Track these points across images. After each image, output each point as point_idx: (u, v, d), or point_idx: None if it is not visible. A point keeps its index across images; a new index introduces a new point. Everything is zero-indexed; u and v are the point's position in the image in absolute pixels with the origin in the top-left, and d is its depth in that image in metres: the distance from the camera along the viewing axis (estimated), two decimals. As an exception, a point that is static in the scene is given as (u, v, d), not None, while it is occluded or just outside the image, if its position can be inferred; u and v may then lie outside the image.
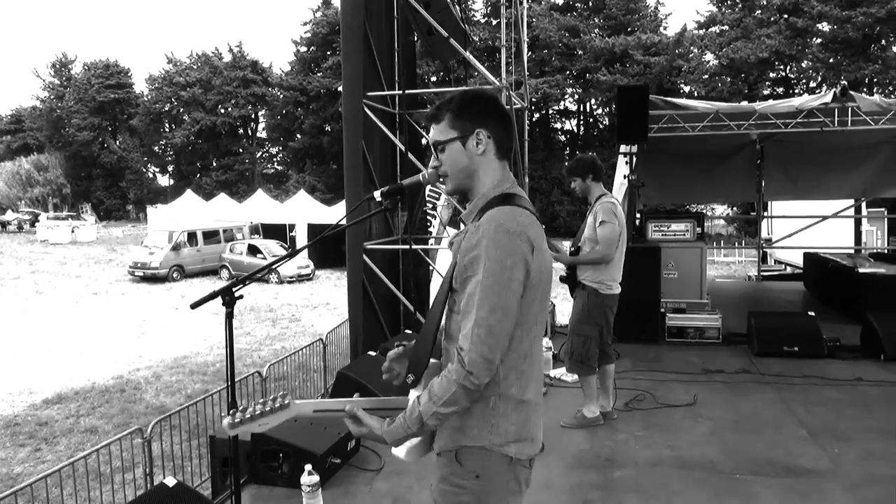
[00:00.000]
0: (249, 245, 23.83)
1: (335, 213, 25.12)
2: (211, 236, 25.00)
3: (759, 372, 6.13)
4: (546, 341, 5.99)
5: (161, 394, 9.98)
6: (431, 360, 1.85)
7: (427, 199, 11.13)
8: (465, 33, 9.66)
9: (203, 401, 6.06)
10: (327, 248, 25.68)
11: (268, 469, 3.84)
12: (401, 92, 8.70)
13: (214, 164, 56.00)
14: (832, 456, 4.19)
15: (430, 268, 10.36)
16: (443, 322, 1.85)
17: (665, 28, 40.89)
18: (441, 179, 1.89)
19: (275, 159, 58.80)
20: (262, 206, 29.17)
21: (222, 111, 54.30)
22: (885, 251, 13.17)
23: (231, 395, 2.32)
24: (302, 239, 25.67)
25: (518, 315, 1.70)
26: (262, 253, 23.01)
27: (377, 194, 1.99)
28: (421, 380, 1.79)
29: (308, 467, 3.19)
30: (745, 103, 10.25)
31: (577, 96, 43.13)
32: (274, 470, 3.82)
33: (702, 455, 4.28)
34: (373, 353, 5.05)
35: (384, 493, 3.78)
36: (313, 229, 25.51)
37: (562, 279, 4.65)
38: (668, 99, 7.74)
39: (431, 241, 10.93)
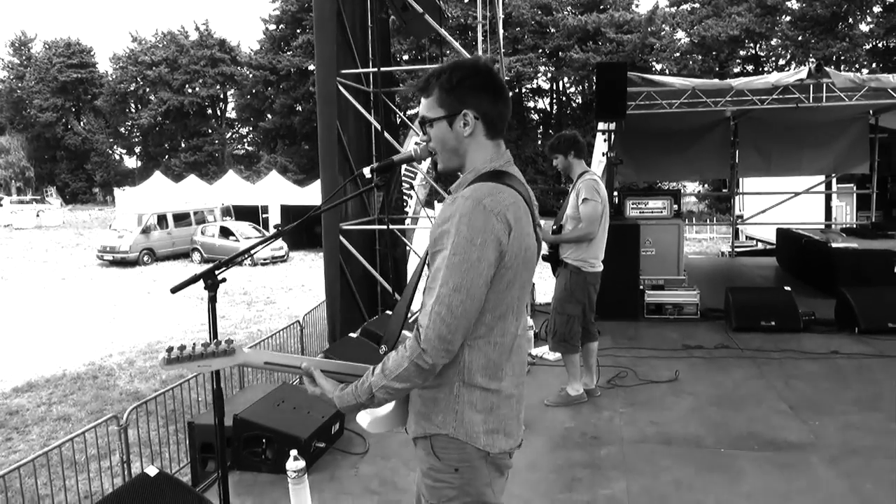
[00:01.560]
0: (221, 227, 23.45)
1: (309, 194, 24.83)
2: (181, 219, 24.54)
3: (737, 347, 6.19)
4: (528, 320, 5.97)
5: (135, 379, 9.79)
6: (404, 332, 1.80)
7: (403, 178, 11.02)
8: (440, 9, 9.51)
9: (179, 386, 5.96)
10: (300, 228, 25.31)
11: (251, 455, 3.77)
12: (376, 69, 8.54)
13: (183, 145, 54.94)
14: (813, 429, 4.24)
15: (407, 248, 10.28)
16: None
17: (637, 6, 40.89)
18: (432, 155, 1.81)
19: (245, 140, 57.87)
20: (233, 188, 28.70)
21: (190, 91, 53.20)
22: (854, 226, 13.39)
23: (216, 383, 2.23)
24: (275, 220, 25.34)
25: (489, 300, 1.63)
26: (234, 235, 22.68)
27: (366, 171, 1.90)
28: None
29: (293, 453, 3.12)
30: (720, 80, 10.28)
31: (549, 74, 43.04)
32: (258, 455, 3.75)
33: (685, 430, 4.30)
34: (353, 335, 4.98)
35: (370, 476, 3.73)
36: (286, 211, 25.19)
37: (544, 258, 4.62)
38: (646, 76, 7.71)
39: (408, 220, 10.84)
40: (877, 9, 32.10)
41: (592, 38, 38.10)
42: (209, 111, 56.44)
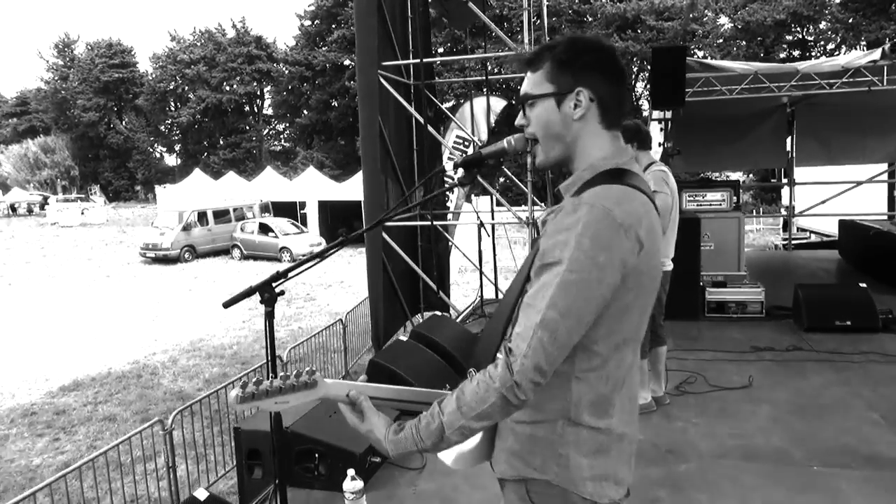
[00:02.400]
0: (260, 224, 23.53)
1: (346, 190, 24.74)
2: (221, 215, 24.71)
3: (811, 349, 5.77)
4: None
5: (178, 378, 9.75)
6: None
7: (447, 168, 10.76)
8: (484, -1, 9.20)
9: (224, 388, 5.82)
10: (338, 224, 25.35)
11: (303, 470, 3.55)
12: (418, 61, 8.29)
13: (221, 142, 55.59)
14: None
15: (449, 243, 10.03)
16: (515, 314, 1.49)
17: (678, -9, 39.86)
18: (530, 147, 1.52)
19: (281, 136, 58.30)
20: (271, 184, 28.80)
21: (227, 88, 53.72)
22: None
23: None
24: (313, 216, 25.32)
25: (602, 326, 1.35)
26: (273, 231, 22.72)
27: (449, 166, 1.63)
28: None
29: (351, 472, 2.89)
30: (785, 63, 9.76)
31: (587, 64, 42.22)
32: (310, 471, 3.53)
33: (769, 444, 3.95)
34: (403, 339, 4.74)
35: (430, 494, 3.48)
36: (324, 207, 25.16)
37: None
38: (704, 61, 7.29)
39: (450, 215, 10.60)
40: (933, -12, 30.63)
41: (632, 25, 37.23)
42: (246, 108, 56.95)
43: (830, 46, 34.75)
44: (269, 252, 22.27)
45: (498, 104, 11.07)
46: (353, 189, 24.30)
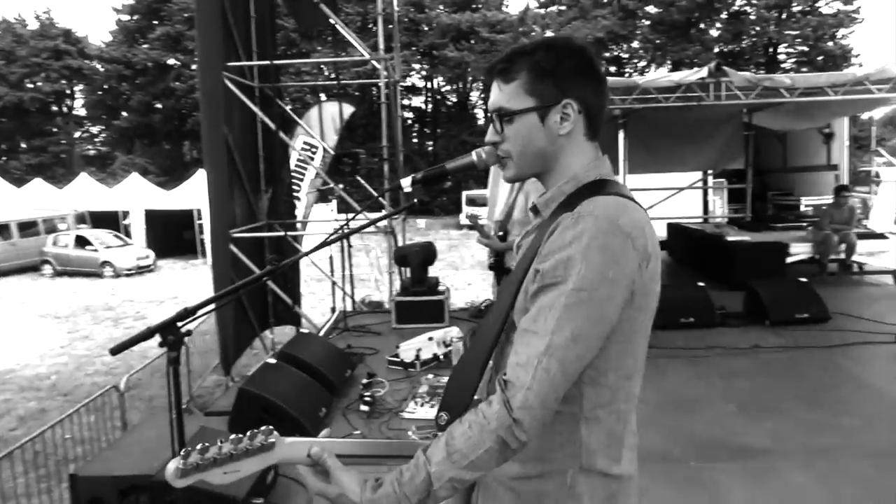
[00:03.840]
0: (77, 236, 21.22)
1: (176, 198, 23.04)
2: (28, 227, 21.98)
3: (664, 346, 6.12)
4: (455, 330, 5.54)
5: (-18, 418, 8.41)
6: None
7: (293, 178, 10.29)
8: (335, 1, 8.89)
9: (52, 429, 5.06)
10: (168, 235, 23.56)
11: (170, 524, 3.07)
12: (268, 62, 7.81)
13: (24, 145, 49.59)
14: (769, 431, 4.15)
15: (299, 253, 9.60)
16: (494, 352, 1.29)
17: (507, 6, 41.85)
18: (502, 161, 1.35)
19: (96, 139, 53.17)
20: (87, 192, 26.01)
21: (31, 86, 48.03)
22: (726, 219, 14.17)
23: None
24: (139, 227, 23.24)
25: (612, 354, 1.20)
26: (92, 244, 20.59)
27: (405, 182, 1.39)
28: None
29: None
30: (628, 77, 10.38)
31: (424, 73, 43.02)
32: (179, 525, 3.05)
33: (647, 442, 4.04)
34: (272, 361, 4.33)
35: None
36: (151, 216, 23.19)
37: (490, 267, 4.23)
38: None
39: (299, 225, 10.17)
40: (724, 15, 34.77)
41: (466, 36, 38.47)
42: (54, 108, 51.27)
43: (642, 64, 38.23)
44: (89, 267, 20.13)
45: (347, 109, 10.78)
46: (183, 197, 22.67)
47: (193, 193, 21.14)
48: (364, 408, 4.04)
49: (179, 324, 1.36)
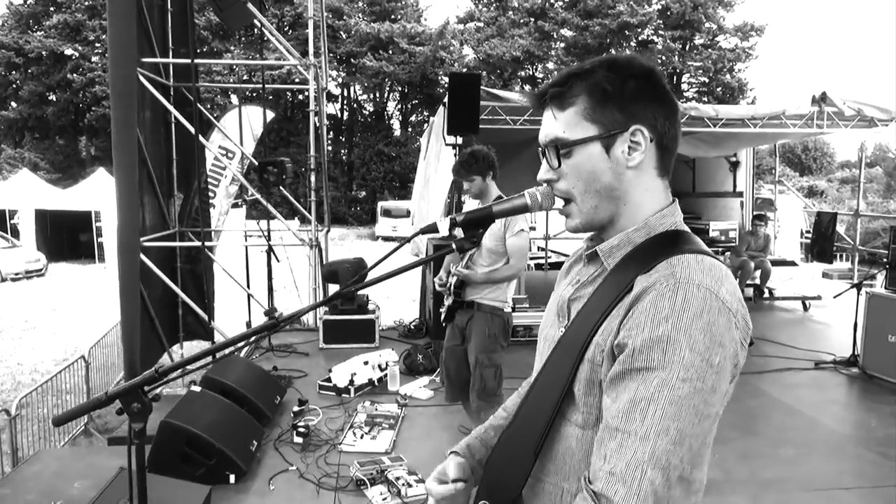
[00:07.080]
0: (-44, 237, 19.40)
1: (72, 197, 21.51)
2: None
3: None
4: (390, 353, 5.34)
5: None
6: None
7: (209, 184, 9.77)
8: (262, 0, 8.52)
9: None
10: (61, 237, 21.94)
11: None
12: (188, 60, 7.35)
13: None
14: (715, 462, 4.17)
15: (212, 263, 9.10)
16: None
17: (425, 19, 41.99)
18: (563, 203, 1.16)
19: (-21, 131, 49.13)
20: (-32, 188, 23.90)
21: None
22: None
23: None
24: (28, 227, 21.48)
25: (706, 446, 1.06)
26: (-27, 246, 18.87)
27: (443, 225, 1.18)
28: None
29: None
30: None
31: (341, 80, 42.46)
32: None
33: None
34: (196, 388, 3.97)
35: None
36: (43, 216, 21.50)
37: (448, 304, 3.95)
38: (491, 90, 7.48)
39: (213, 234, 9.66)
40: (633, 43, 36.34)
41: (385, 47, 38.29)
42: (-70, 94, 47.05)
43: (556, 84, 39.34)
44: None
45: (269, 115, 10.37)
46: (79, 196, 21.21)
47: (92, 194, 19.78)
48: (298, 439, 3.76)
49: (147, 388, 1.11)
